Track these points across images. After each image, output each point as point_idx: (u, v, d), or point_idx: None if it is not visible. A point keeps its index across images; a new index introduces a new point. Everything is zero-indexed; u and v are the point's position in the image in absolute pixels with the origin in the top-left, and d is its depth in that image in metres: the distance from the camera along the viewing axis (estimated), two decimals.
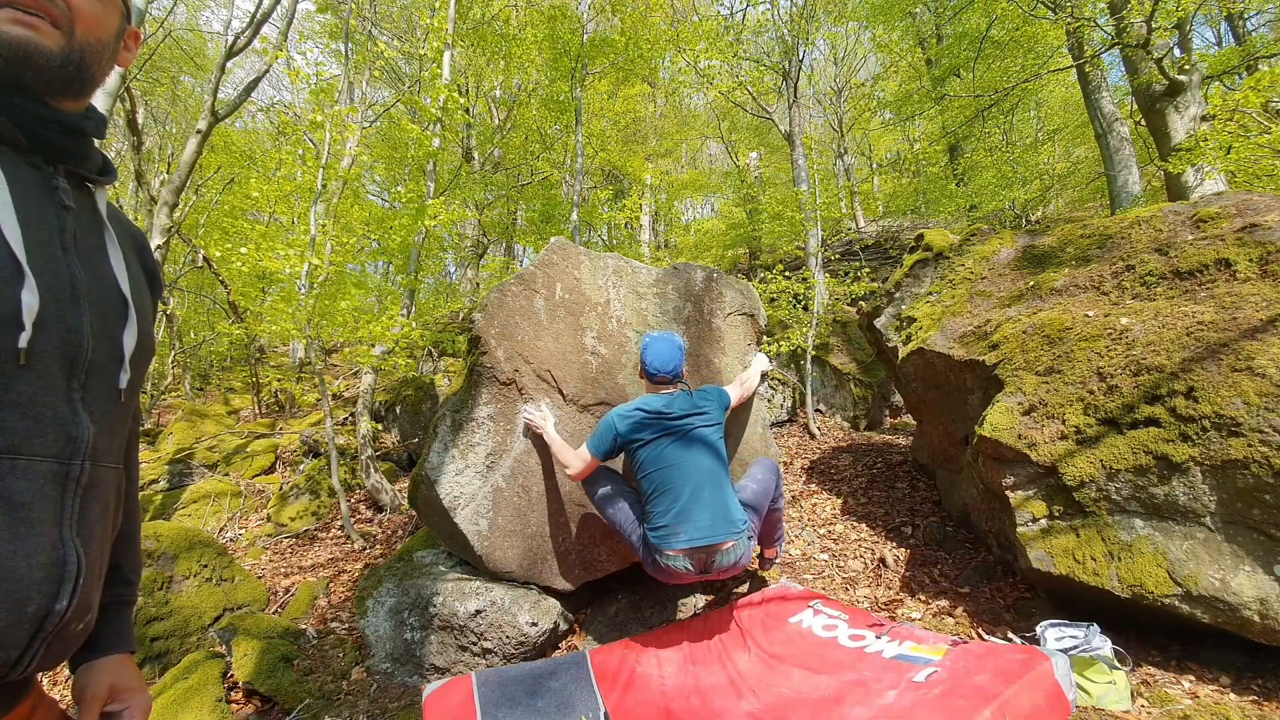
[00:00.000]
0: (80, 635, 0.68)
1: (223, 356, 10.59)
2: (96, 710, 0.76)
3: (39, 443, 0.62)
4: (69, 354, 0.66)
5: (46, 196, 0.68)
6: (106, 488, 0.72)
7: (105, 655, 0.79)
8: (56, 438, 0.64)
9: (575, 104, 7.69)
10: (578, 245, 2.88)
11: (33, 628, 0.60)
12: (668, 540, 2.20)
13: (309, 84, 4.39)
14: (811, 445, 5.14)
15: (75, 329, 0.67)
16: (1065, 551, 2.16)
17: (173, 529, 3.20)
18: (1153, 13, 4.89)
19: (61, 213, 0.69)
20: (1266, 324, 2.04)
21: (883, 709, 1.70)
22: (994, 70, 9.03)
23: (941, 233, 3.76)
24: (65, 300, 0.66)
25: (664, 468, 2.28)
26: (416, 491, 2.70)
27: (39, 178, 0.68)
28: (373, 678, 2.48)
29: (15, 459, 0.59)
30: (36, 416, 0.62)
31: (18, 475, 0.60)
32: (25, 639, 0.60)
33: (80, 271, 0.69)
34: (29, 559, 0.60)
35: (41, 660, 0.63)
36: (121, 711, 0.78)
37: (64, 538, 0.64)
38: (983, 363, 2.77)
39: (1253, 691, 1.85)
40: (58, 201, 0.69)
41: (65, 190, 0.71)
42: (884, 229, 12.38)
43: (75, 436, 0.66)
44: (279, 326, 3.89)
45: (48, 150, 0.69)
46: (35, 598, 0.60)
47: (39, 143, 0.68)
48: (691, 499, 2.23)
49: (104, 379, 0.71)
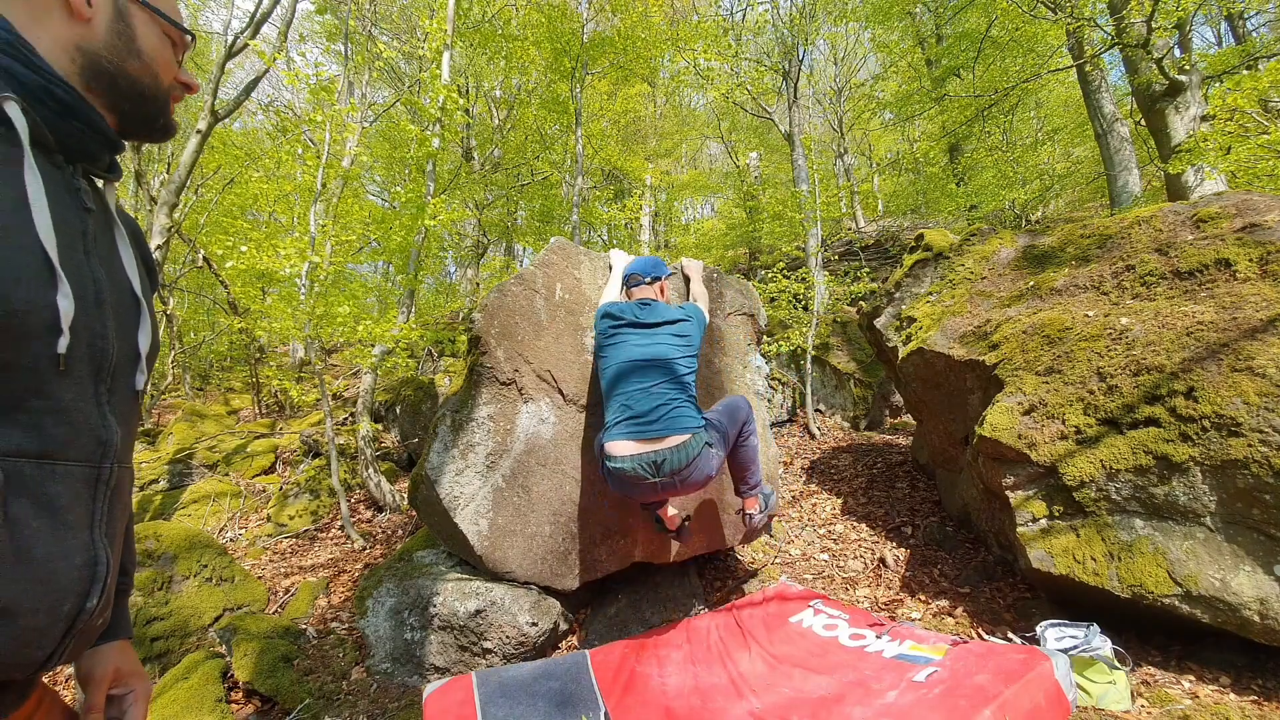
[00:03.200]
0: (99, 630, 0.71)
1: (223, 356, 10.59)
2: (104, 692, 0.78)
3: (74, 448, 0.64)
4: (96, 358, 0.67)
5: (70, 198, 0.69)
6: (126, 487, 0.74)
7: (108, 641, 0.82)
8: (88, 442, 0.66)
9: (575, 104, 7.69)
10: (578, 245, 2.88)
11: (66, 625, 0.63)
12: (610, 435, 2.12)
13: (308, 84, 4.38)
14: (811, 445, 5.14)
15: (101, 333, 0.68)
16: (1065, 551, 2.16)
17: (173, 529, 3.20)
18: (1153, 13, 4.89)
19: (84, 215, 0.70)
20: (1266, 324, 2.04)
21: (883, 708, 1.70)
22: (994, 70, 9.03)
23: (941, 233, 3.76)
24: (91, 305, 0.67)
25: (619, 366, 2.23)
26: (416, 491, 2.70)
27: (61, 178, 0.69)
28: (373, 678, 2.48)
29: (54, 464, 0.61)
30: (71, 422, 0.64)
31: (57, 480, 0.62)
32: (59, 636, 0.62)
33: (101, 275, 0.70)
34: (67, 560, 0.62)
35: (68, 655, 0.65)
36: (126, 694, 0.81)
37: (94, 539, 0.66)
38: (983, 363, 2.77)
39: (1253, 691, 1.85)
40: (80, 204, 0.70)
41: (86, 192, 0.72)
42: (884, 229, 12.38)
43: (105, 440, 0.68)
44: (279, 326, 3.89)
45: (68, 150, 0.70)
46: (70, 597, 0.63)
47: (65, 145, 0.69)
48: (639, 395, 2.15)
49: (124, 381, 0.73)
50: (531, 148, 10.43)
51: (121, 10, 0.75)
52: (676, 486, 2.14)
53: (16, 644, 0.58)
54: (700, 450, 2.09)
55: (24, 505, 0.59)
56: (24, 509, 0.58)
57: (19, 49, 0.65)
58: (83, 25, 0.71)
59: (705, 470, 2.13)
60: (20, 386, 0.59)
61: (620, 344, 2.30)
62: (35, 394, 0.60)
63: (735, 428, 2.32)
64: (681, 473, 2.08)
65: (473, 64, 10.03)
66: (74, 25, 0.71)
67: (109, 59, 0.74)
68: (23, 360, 0.59)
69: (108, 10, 0.73)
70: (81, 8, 0.70)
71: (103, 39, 0.73)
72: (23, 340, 0.59)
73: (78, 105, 0.69)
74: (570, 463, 2.65)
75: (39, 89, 0.66)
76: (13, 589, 0.57)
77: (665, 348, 2.27)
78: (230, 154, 8.89)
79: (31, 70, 0.65)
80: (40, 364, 0.60)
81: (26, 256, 0.59)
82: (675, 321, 2.36)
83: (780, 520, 3.78)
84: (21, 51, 0.65)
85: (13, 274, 0.58)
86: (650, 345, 2.27)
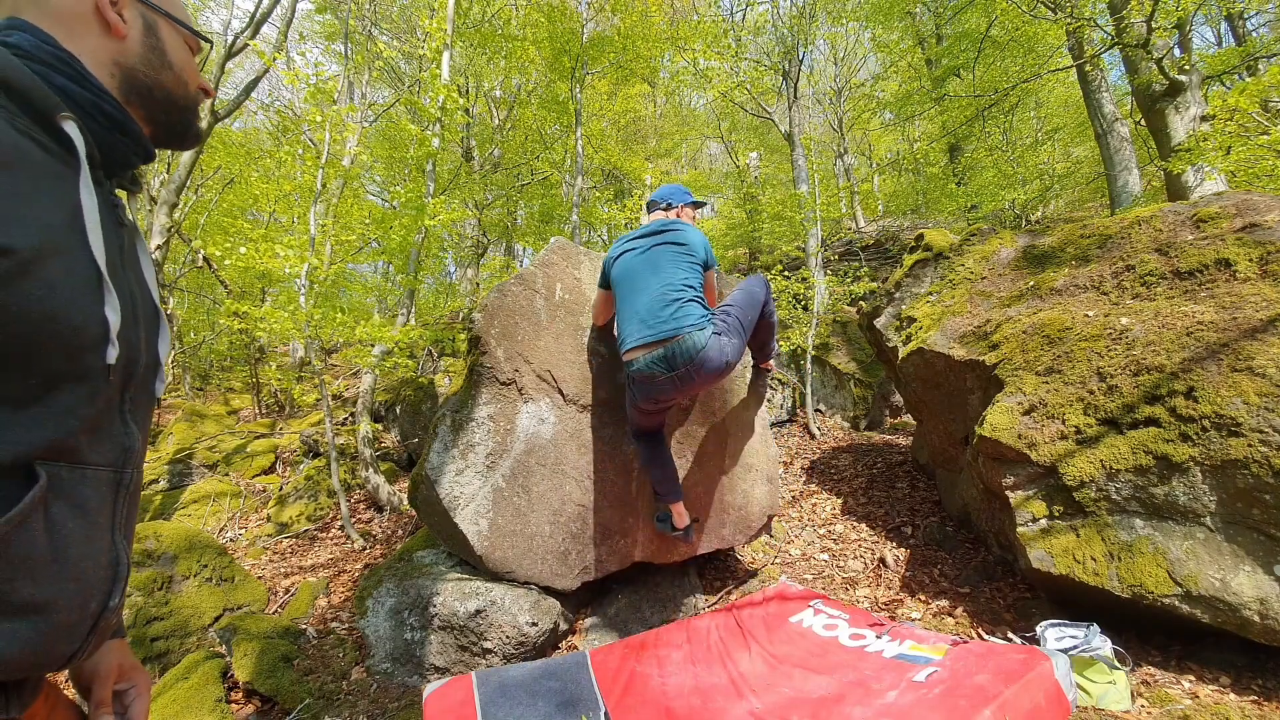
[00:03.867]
0: (114, 627, 0.74)
1: (223, 356, 10.58)
2: (110, 687, 0.80)
3: (102, 453, 0.67)
4: (129, 369, 0.70)
5: (109, 213, 0.70)
6: (139, 491, 0.77)
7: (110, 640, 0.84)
8: (113, 448, 0.68)
9: (575, 104, 7.69)
10: (578, 245, 2.88)
11: (92, 623, 0.66)
12: (625, 345, 2.29)
13: (308, 84, 4.38)
14: (811, 445, 5.14)
15: (135, 345, 0.71)
16: (1065, 551, 2.16)
17: (173, 529, 3.20)
18: (1153, 13, 4.89)
19: (119, 229, 0.72)
20: (1266, 324, 2.04)
21: (883, 708, 1.70)
22: (994, 70, 9.03)
23: (941, 233, 3.76)
24: (130, 317, 0.69)
25: (624, 284, 2.39)
26: (416, 491, 2.70)
27: (102, 193, 0.70)
28: (373, 678, 2.48)
29: (85, 469, 0.64)
30: (101, 428, 0.67)
31: (87, 484, 0.65)
32: (85, 633, 0.65)
33: (135, 287, 0.73)
34: (95, 560, 0.65)
35: (88, 652, 0.68)
36: (129, 689, 0.83)
37: (115, 540, 0.69)
38: (983, 363, 2.77)
39: (1253, 691, 1.85)
40: (117, 218, 0.73)
41: (122, 206, 0.75)
42: (884, 229, 12.37)
43: (128, 446, 0.70)
44: (279, 327, 3.89)
45: (109, 165, 0.72)
46: (97, 595, 0.66)
47: (109, 160, 0.71)
48: (644, 302, 2.29)
49: (146, 389, 0.76)
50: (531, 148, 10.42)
51: (150, 24, 0.76)
52: (694, 380, 2.24)
53: (51, 640, 0.61)
54: (708, 341, 2.20)
55: (62, 508, 0.61)
56: (62, 511, 0.61)
57: (71, 65, 0.66)
58: (119, 41, 0.73)
59: (720, 358, 2.23)
60: (71, 395, 0.62)
61: (622, 265, 2.44)
62: (84, 403, 0.63)
63: (755, 310, 2.46)
64: (694, 363, 2.19)
65: (472, 64, 10.03)
66: (110, 41, 0.72)
67: (145, 73, 0.75)
68: (77, 371, 0.62)
69: (138, 25, 0.75)
70: (119, 25, 0.72)
71: (138, 54, 0.74)
72: (79, 352, 0.61)
73: (126, 121, 0.71)
74: (570, 463, 2.65)
75: (91, 105, 0.67)
76: (52, 588, 0.60)
77: (661, 256, 2.39)
78: (230, 154, 8.88)
79: (83, 87, 0.67)
80: (92, 375, 0.63)
81: (83, 272, 0.62)
82: (668, 231, 2.46)
83: (780, 520, 3.78)
84: (74, 68, 0.66)
85: (73, 289, 0.60)
86: (647, 255, 2.40)
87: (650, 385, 2.27)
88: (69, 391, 0.61)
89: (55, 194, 0.60)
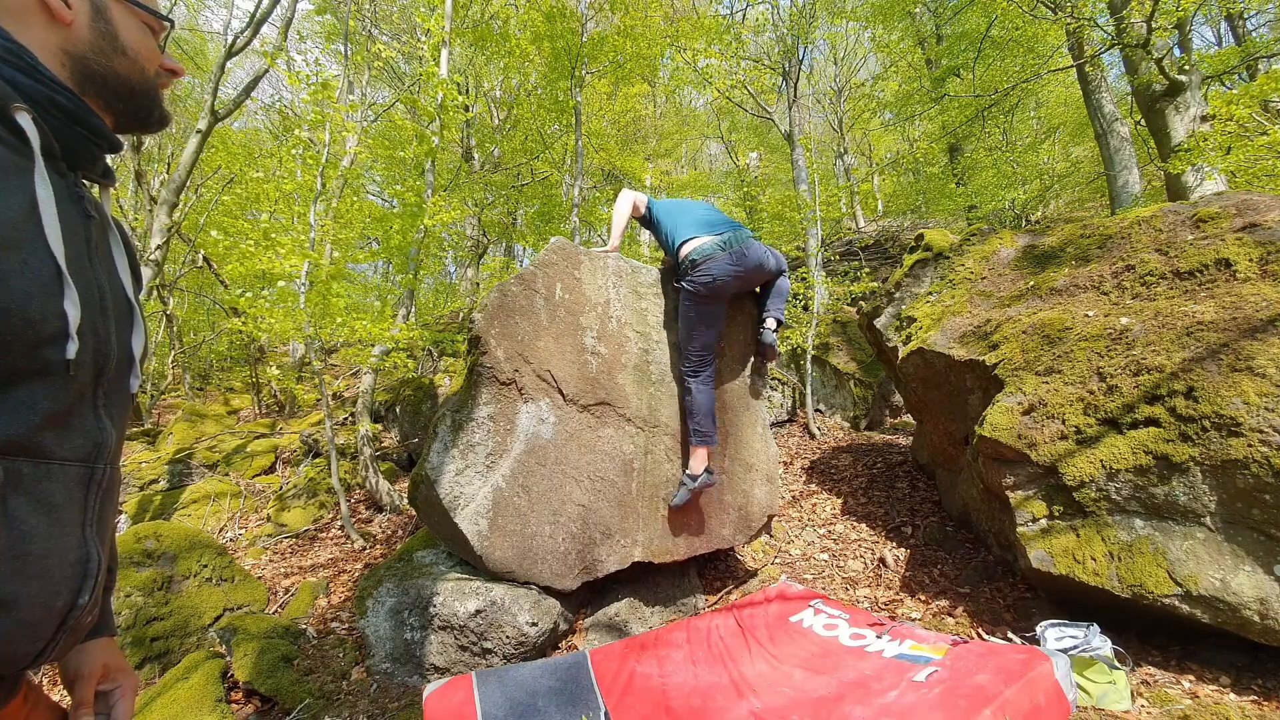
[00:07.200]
0: (88, 627, 0.72)
1: (223, 356, 10.58)
2: (93, 687, 0.79)
3: (70, 448, 0.65)
4: (98, 363, 0.69)
5: (73, 205, 0.69)
6: (115, 487, 0.75)
7: (94, 638, 0.83)
8: (84, 443, 0.67)
9: (575, 104, 7.68)
10: (577, 245, 2.88)
11: (58, 621, 0.64)
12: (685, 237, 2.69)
13: (308, 84, 4.38)
14: (811, 445, 5.14)
15: (105, 339, 0.69)
16: (1065, 551, 2.16)
17: (173, 529, 3.20)
18: (1153, 13, 4.89)
19: (86, 221, 0.71)
20: (1266, 324, 2.04)
21: (884, 708, 1.70)
22: (994, 70, 9.02)
23: (941, 233, 3.76)
24: (96, 311, 0.68)
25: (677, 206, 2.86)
26: (416, 491, 2.70)
27: (65, 185, 0.69)
28: (373, 677, 2.48)
29: (50, 463, 0.63)
30: (69, 424, 0.65)
31: (53, 479, 0.63)
32: (51, 632, 0.64)
33: (104, 280, 0.71)
34: (61, 557, 0.64)
35: (58, 651, 0.66)
36: (113, 690, 0.81)
37: (86, 537, 0.68)
38: (983, 363, 2.77)
39: (1253, 691, 1.85)
40: (82, 210, 0.71)
41: (89, 199, 0.73)
42: (884, 229, 12.38)
43: (100, 442, 0.69)
44: (279, 326, 3.89)
45: (70, 157, 0.70)
46: (64, 593, 0.64)
47: (69, 152, 0.69)
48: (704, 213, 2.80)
49: (120, 384, 0.74)
50: (531, 148, 10.42)
51: (99, 7, 0.73)
52: (743, 270, 2.67)
53: (12, 638, 0.59)
54: (748, 240, 2.70)
55: (22, 503, 0.60)
56: (22, 506, 0.60)
57: (22, 57, 0.64)
58: (65, 29, 0.70)
59: (759, 257, 2.73)
60: (30, 391, 0.60)
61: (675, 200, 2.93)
62: (44, 398, 0.62)
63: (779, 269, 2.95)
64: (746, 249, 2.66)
65: (472, 64, 10.02)
66: (56, 30, 0.70)
67: (96, 60, 0.72)
68: (34, 366, 0.60)
69: (85, 10, 0.72)
70: (62, 11, 0.69)
71: (87, 41, 0.72)
72: (36, 347, 0.60)
73: (81, 111, 0.69)
74: (570, 463, 2.65)
75: (43, 98, 0.65)
76: (11, 584, 0.58)
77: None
78: (230, 154, 8.88)
79: (34, 79, 0.65)
80: (51, 369, 0.62)
81: (39, 266, 0.60)
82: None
83: (780, 520, 3.78)
84: (25, 60, 0.64)
85: (27, 284, 0.59)
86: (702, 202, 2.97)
87: (710, 266, 2.60)
88: (27, 387, 0.60)
89: (9, 187, 0.59)
